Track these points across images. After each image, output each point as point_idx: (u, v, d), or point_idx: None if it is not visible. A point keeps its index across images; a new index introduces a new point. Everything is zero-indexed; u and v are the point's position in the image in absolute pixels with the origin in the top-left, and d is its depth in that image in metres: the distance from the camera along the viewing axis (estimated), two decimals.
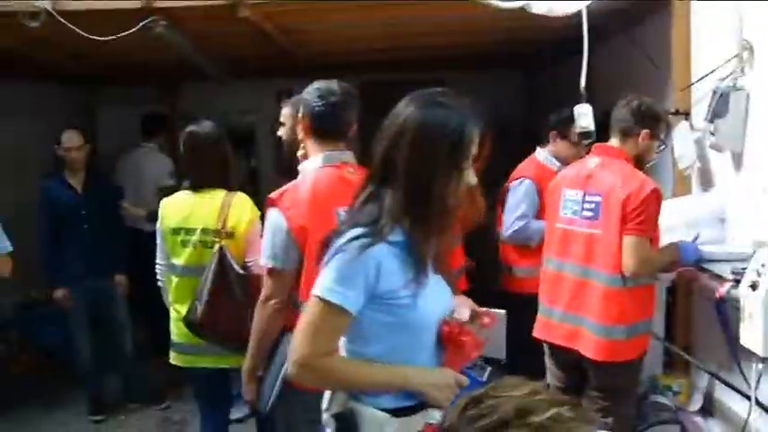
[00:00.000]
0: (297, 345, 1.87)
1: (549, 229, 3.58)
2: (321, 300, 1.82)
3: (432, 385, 1.85)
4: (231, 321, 3.16)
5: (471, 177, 1.89)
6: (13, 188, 6.00)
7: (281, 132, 3.28)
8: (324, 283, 1.83)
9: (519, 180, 4.25)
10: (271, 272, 2.67)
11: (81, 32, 4.21)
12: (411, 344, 1.88)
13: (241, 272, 3.22)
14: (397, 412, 1.87)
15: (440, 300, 1.95)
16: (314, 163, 2.75)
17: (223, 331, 3.21)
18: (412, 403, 1.88)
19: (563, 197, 3.45)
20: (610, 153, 3.37)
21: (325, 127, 2.74)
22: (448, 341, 1.91)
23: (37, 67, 6.35)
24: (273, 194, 2.69)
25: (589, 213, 3.30)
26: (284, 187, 2.71)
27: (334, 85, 2.76)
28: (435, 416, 1.86)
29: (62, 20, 4.15)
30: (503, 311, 2.35)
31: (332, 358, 1.88)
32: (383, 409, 1.86)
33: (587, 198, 3.32)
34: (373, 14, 4.70)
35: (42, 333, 6.24)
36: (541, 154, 4.40)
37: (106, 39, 4.28)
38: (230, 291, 3.19)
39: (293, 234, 2.60)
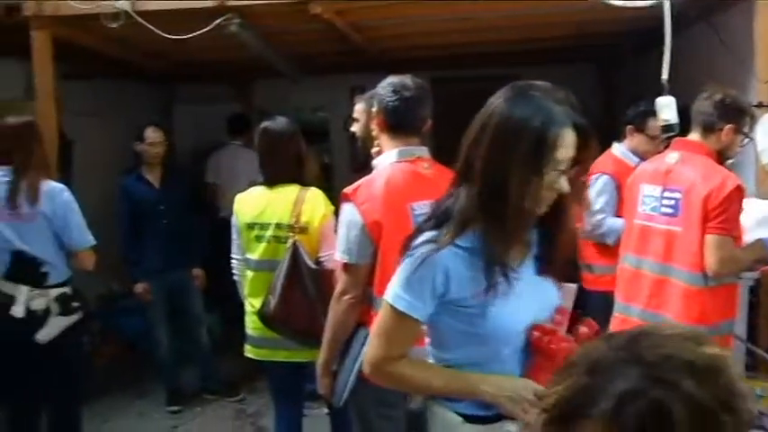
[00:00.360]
0: (370, 346, 1.90)
1: (627, 226, 3.50)
2: (390, 305, 1.83)
3: (506, 397, 1.76)
4: (303, 316, 3.19)
5: (562, 184, 1.73)
6: (96, 185, 6.17)
7: (355, 128, 3.26)
8: (393, 288, 1.83)
9: (596, 175, 4.16)
10: (345, 267, 2.68)
11: (158, 32, 4.32)
12: (487, 353, 1.81)
13: (314, 267, 3.24)
14: (471, 419, 1.83)
15: (528, 307, 1.81)
16: (388, 158, 2.74)
17: (295, 326, 3.24)
18: (488, 413, 1.82)
19: (641, 193, 3.37)
20: (690, 148, 3.26)
21: (398, 122, 2.74)
22: (536, 349, 1.80)
23: (117, 67, 6.51)
24: (348, 189, 2.69)
25: (668, 210, 3.21)
26: (358, 182, 2.71)
27: (407, 80, 2.75)
28: (511, 429, 1.80)
29: (140, 20, 4.26)
30: (573, 285, 2.27)
31: (402, 362, 1.87)
32: (459, 413, 1.84)
33: (666, 194, 3.23)
34: (445, 9, 4.67)
35: (123, 325, 6.43)
36: (618, 149, 4.28)
37: (182, 37, 4.38)
38: (303, 286, 3.21)
39: (367, 229, 2.60)
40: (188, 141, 8.24)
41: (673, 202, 3.19)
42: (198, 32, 4.33)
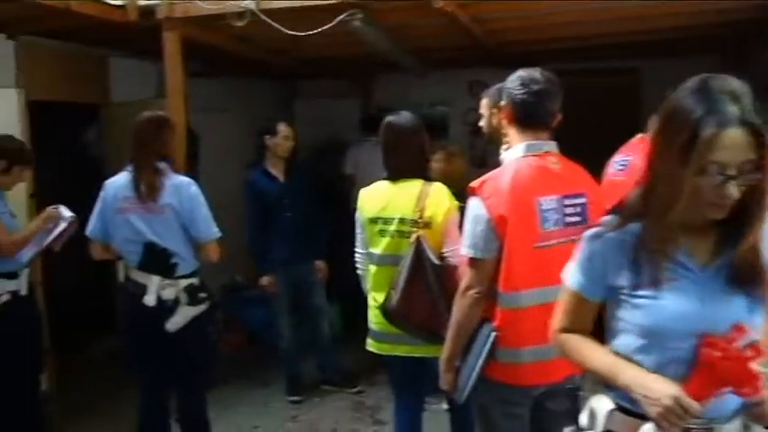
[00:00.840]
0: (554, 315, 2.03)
1: None
2: (565, 282, 1.96)
3: (643, 394, 1.68)
4: (425, 312, 3.17)
5: (729, 190, 1.60)
6: (221, 178, 6.36)
7: (481, 123, 3.23)
8: (569, 267, 1.95)
9: None
10: (471, 261, 2.64)
11: (282, 29, 4.40)
12: (645, 349, 1.77)
13: (437, 262, 3.21)
14: (625, 410, 1.82)
15: (700, 314, 1.71)
16: (516, 152, 2.70)
17: (416, 321, 3.23)
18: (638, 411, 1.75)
19: None
20: None
21: (527, 116, 2.68)
22: (703, 361, 1.68)
23: (240, 64, 6.69)
24: (474, 183, 2.65)
25: None
26: (485, 176, 2.67)
27: (536, 73, 2.69)
28: (650, 429, 1.72)
29: (265, 18, 4.35)
30: None
31: (574, 336, 1.95)
32: (617, 403, 1.85)
33: None
34: (561, 1, 4.58)
35: (246, 315, 6.61)
36: None
37: (305, 34, 4.45)
38: (426, 281, 3.19)
39: (493, 223, 2.56)
40: (308, 136, 8.37)
41: None
42: (321, 29, 4.38)
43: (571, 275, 1.93)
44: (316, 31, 4.41)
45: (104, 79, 6.10)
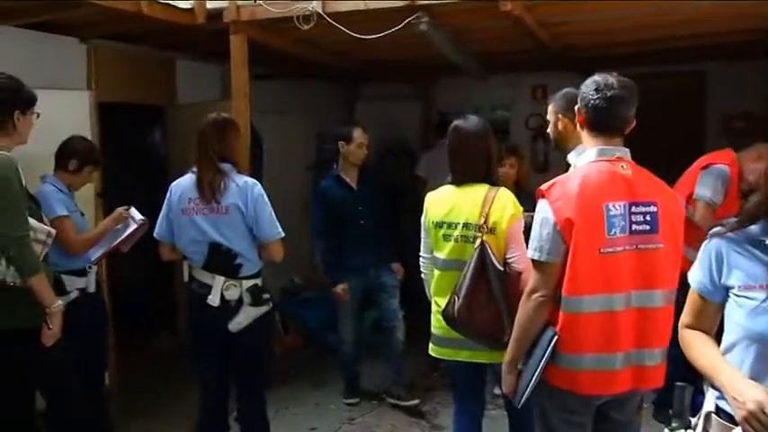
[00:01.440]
0: None
1: None
2: (690, 280, 2.07)
3: (733, 396, 1.77)
4: (487, 318, 3.14)
5: None
6: (282, 180, 6.42)
7: (548, 129, 3.24)
8: (693, 267, 2.05)
9: None
10: (536, 264, 2.62)
11: (348, 32, 4.42)
12: (748, 351, 1.84)
13: (500, 268, 3.18)
14: (722, 413, 1.88)
15: None
16: (587, 157, 2.67)
17: (478, 327, 3.20)
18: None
19: None
20: None
21: (600, 121, 2.65)
22: None
23: (303, 67, 6.74)
24: (543, 186, 2.64)
25: None
26: (554, 179, 2.65)
27: (612, 78, 2.65)
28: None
29: (331, 21, 4.37)
30: None
31: (694, 333, 2.06)
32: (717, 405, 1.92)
33: None
34: (638, 4, 4.51)
35: (304, 317, 6.65)
36: None
37: (371, 37, 4.46)
38: (489, 287, 3.16)
39: (559, 227, 2.54)
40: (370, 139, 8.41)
41: None
42: (387, 32, 4.39)
43: (693, 275, 2.04)
44: (382, 34, 4.42)
45: (171, 81, 6.22)
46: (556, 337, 2.57)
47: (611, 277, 2.52)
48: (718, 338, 2.00)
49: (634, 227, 2.54)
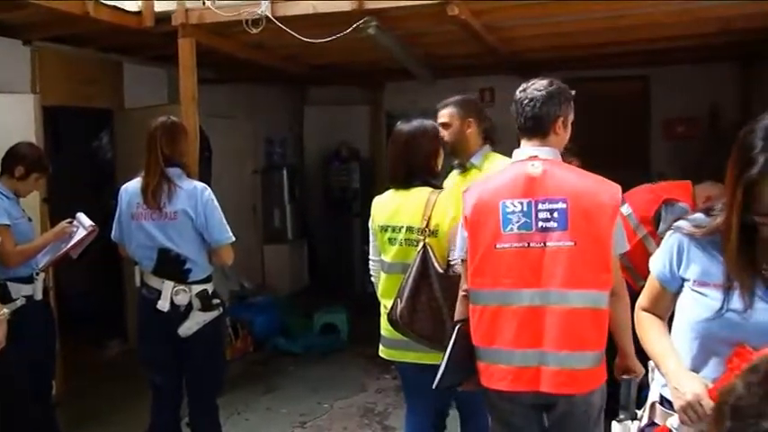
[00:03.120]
0: None
1: None
2: (650, 266, 2.11)
3: (674, 386, 1.85)
4: (429, 320, 3.17)
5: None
6: (230, 183, 6.39)
7: (444, 134, 3.42)
8: (655, 254, 2.10)
9: None
10: (462, 262, 2.80)
11: (297, 36, 4.43)
12: (695, 345, 1.90)
13: (441, 271, 3.21)
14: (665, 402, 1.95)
15: (744, 326, 1.79)
16: (513, 158, 2.77)
17: (420, 330, 3.22)
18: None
19: None
20: None
21: (520, 122, 2.73)
22: (730, 369, 1.75)
23: (251, 71, 6.73)
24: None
25: None
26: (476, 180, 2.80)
27: (536, 81, 2.73)
28: (672, 422, 1.85)
29: (280, 25, 4.38)
30: None
31: (650, 317, 2.13)
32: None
33: None
34: (578, 9, 4.62)
35: (254, 321, 6.62)
36: None
37: (319, 41, 4.47)
38: (430, 290, 3.17)
39: (464, 225, 2.71)
40: (317, 143, 8.44)
41: None
42: (336, 36, 4.41)
43: (654, 261, 2.08)
44: (331, 38, 4.44)
45: (118, 85, 6.16)
46: (458, 326, 2.70)
47: (507, 272, 2.57)
48: (670, 323, 2.09)
49: (541, 224, 2.56)
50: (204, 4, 4.65)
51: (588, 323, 2.49)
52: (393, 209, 3.38)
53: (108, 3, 4.58)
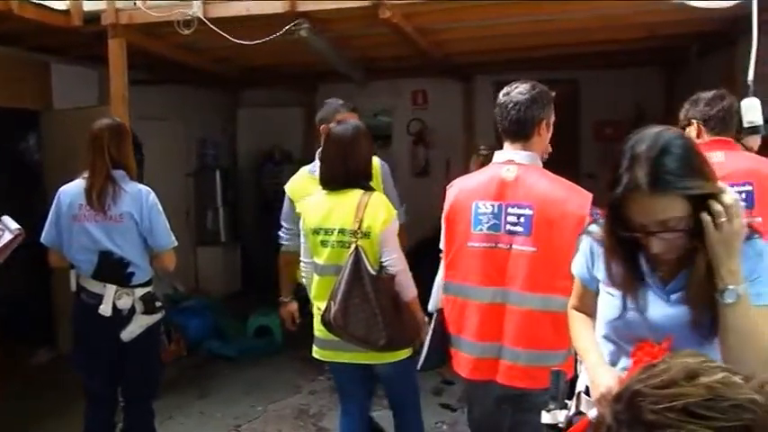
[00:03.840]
0: None
1: None
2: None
3: (592, 379, 1.95)
4: (362, 321, 3.20)
5: (651, 243, 1.76)
6: (162, 186, 6.29)
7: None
8: (576, 256, 2.17)
9: None
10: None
11: (228, 37, 4.41)
12: (608, 339, 2.00)
13: (374, 273, 3.24)
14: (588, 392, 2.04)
15: (642, 322, 1.88)
16: (494, 159, 2.86)
17: (353, 331, 3.25)
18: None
19: None
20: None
21: (501, 126, 2.81)
22: (633, 361, 1.86)
23: (184, 73, 6.66)
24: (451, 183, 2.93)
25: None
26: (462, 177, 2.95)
27: (516, 84, 2.80)
28: (592, 413, 1.94)
29: (212, 26, 4.36)
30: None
31: (578, 315, 2.21)
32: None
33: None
34: (513, 11, 4.70)
35: (187, 325, 6.55)
36: None
37: (251, 43, 4.46)
38: (363, 291, 3.21)
39: (443, 220, 2.87)
40: (251, 145, 8.39)
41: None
42: (268, 38, 4.40)
43: (574, 263, 2.15)
44: (262, 40, 4.43)
45: (45, 85, 6.02)
46: (435, 314, 2.88)
47: (474, 269, 2.73)
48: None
49: (508, 227, 2.69)
50: (135, 4, 4.60)
51: (547, 324, 2.64)
52: (325, 211, 3.38)
53: (34, 1, 4.48)
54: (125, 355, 3.65)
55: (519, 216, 2.66)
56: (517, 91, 2.76)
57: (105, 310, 3.55)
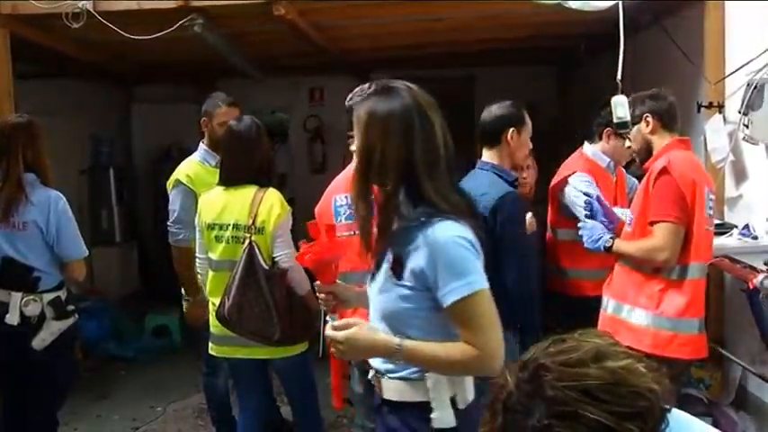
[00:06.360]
0: None
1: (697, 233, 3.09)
2: None
3: None
4: (257, 316, 3.23)
5: None
6: (56, 183, 6.11)
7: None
8: None
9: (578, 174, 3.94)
10: None
11: (120, 32, 4.33)
12: None
13: (267, 268, 3.27)
14: None
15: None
16: None
17: (248, 326, 3.27)
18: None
19: (706, 197, 3.13)
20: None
21: None
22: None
23: (76, 67, 6.48)
24: None
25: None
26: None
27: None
28: None
29: (103, 20, 4.26)
30: None
31: None
32: None
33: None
34: (404, 10, 4.77)
35: (83, 327, 6.35)
36: (589, 149, 4.07)
37: (143, 38, 4.39)
38: (258, 287, 3.24)
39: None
40: (148, 142, 8.24)
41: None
42: (160, 33, 4.34)
43: None
44: (155, 35, 4.37)
45: None
46: None
47: (348, 257, 2.80)
48: None
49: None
50: None
51: None
52: (221, 207, 3.39)
53: None
54: (38, 365, 3.43)
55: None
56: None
57: (12, 318, 3.35)
